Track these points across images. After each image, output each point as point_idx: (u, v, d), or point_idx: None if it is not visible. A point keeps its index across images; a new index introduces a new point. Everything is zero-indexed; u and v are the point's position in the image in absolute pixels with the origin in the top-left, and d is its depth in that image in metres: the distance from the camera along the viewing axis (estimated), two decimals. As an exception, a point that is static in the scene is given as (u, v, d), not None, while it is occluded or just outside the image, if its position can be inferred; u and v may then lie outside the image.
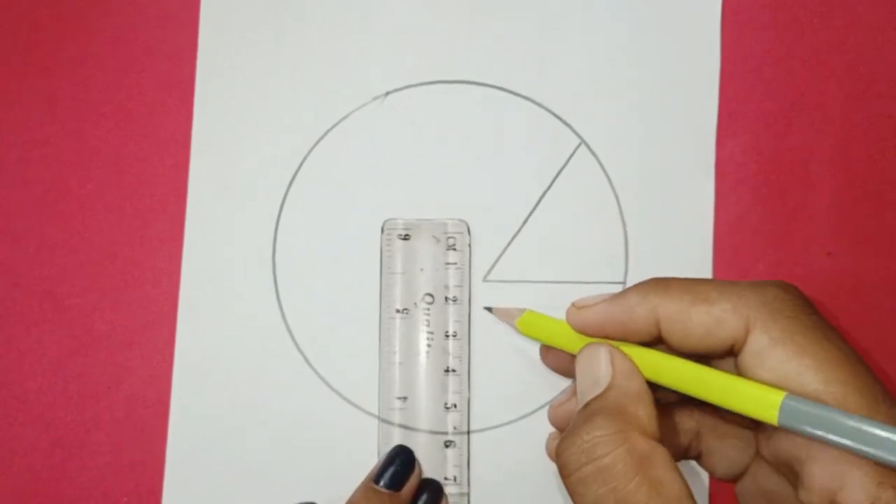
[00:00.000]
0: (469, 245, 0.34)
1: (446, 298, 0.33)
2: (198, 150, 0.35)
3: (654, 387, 0.26)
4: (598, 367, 0.26)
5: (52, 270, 0.34)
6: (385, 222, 0.34)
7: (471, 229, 0.34)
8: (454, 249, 0.34)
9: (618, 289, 0.33)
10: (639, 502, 0.23)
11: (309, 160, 0.35)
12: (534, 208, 0.34)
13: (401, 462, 0.32)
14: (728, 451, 0.29)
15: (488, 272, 0.34)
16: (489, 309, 0.33)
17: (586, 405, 0.26)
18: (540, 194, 0.34)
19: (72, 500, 0.33)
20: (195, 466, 0.33)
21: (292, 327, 0.34)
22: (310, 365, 0.34)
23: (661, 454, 0.24)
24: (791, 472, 0.25)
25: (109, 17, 0.35)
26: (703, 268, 0.34)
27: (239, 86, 0.35)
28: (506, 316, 0.33)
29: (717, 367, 0.26)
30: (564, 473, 0.24)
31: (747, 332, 0.24)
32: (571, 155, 0.34)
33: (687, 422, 0.29)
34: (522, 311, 0.32)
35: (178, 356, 0.34)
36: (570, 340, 0.29)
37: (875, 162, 0.34)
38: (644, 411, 0.25)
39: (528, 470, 0.33)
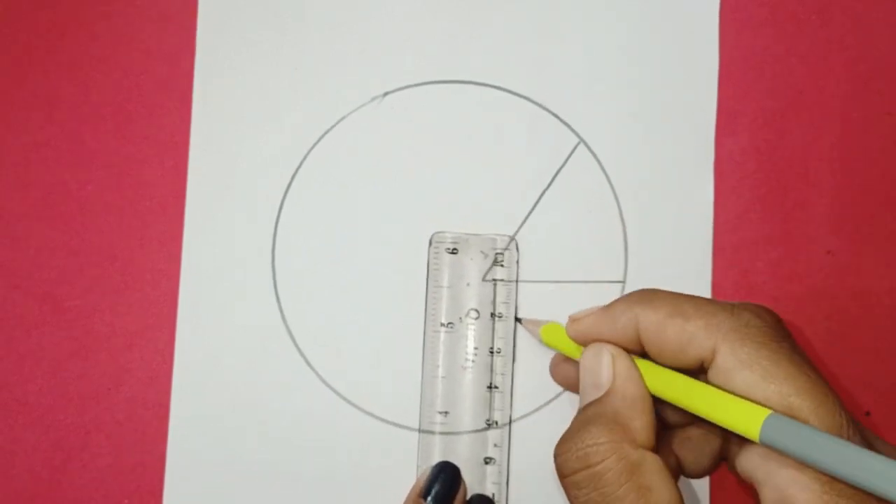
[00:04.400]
0: (517, 261, 0.34)
1: (492, 314, 0.33)
2: (197, 151, 0.35)
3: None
4: (601, 369, 0.27)
5: (52, 272, 0.34)
6: (433, 235, 0.34)
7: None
8: (501, 265, 0.33)
9: (617, 287, 0.34)
10: None
11: (308, 160, 0.35)
12: (533, 207, 0.34)
13: (447, 480, 0.32)
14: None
15: (487, 272, 0.34)
16: (519, 320, 0.33)
17: (584, 409, 0.27)
18: (539, 194, 0.34)
19: (72, 502, 0.33)
20: (196, 468, 0.33)
21: (292, 328, 0.34)
22: (309, 365, 0.34)
23: (651, 462, 0.25)
24: (754, 491, 0.26)
25: (108, 19, 0.35)
26: (702, 267, 0.34)
27: (237, 86, 0.35)
28: (531, 325, 0.32)
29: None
30: (561, 474, 0.26)
31: (714, 352, 0.25)
32: (570, 154, 0.34)
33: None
34: (547, 322, 0.32)
35: (178, 357, 0.34)
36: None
37: (875, 160, 0.34)
38: (639, 420, 0.26)
39: None
